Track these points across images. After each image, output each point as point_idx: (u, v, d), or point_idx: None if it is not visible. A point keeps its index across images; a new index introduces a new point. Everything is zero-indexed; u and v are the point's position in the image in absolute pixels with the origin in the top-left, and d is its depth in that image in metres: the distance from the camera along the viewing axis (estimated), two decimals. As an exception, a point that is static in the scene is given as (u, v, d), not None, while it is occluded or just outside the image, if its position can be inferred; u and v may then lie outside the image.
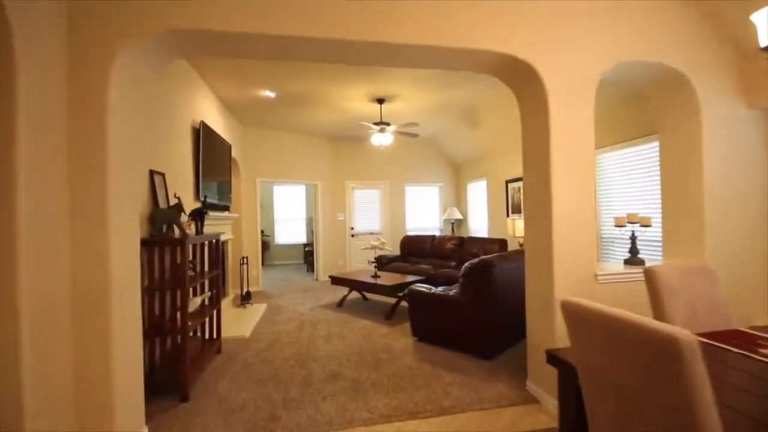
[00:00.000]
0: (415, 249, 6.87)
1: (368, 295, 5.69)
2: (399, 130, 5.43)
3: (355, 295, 5.77)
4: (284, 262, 10.30)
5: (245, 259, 5.63)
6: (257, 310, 5.05)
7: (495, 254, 3.51)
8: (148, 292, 2.62)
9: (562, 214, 2.39)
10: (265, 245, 9.77)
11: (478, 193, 7.59)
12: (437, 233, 8.34)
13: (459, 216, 7.93)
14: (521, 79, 2.57)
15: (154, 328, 2.67)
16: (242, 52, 2.30)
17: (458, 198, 8.42)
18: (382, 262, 6.66)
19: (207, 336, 3.59)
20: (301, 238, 10.37)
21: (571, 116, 2.42)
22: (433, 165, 8.34)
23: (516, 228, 4.81)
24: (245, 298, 5.34)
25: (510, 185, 6.22)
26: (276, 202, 10.27)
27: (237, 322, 4.49)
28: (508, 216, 6.30)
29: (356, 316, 4.75)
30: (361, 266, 7.81)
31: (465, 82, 4.69)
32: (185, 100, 3.81)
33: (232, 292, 5.53)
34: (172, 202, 3.06)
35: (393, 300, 5.01)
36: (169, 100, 3.41)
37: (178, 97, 3.64)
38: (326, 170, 7.66)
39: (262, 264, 8.84)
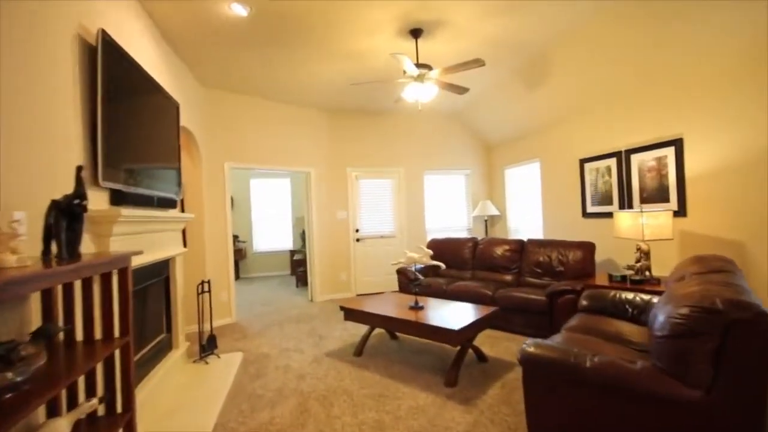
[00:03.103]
0: (449, 257, 5.01)
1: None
2: (443, 79, 3.55)
3: (376, 329, 3.87)
4: (265, 274, 8.25)
5: (206, 285, 3.63)
6: (226, 369, 3.09)
7: (725, 283, 1.68)
8: None
9: None
10: (240, 254, 7.71)
11: (524, 181, 5.80)
12: (465, 234, 6.52)
13: (495, 211, 6.12)
14: None
15: None
16: None
17: (491, 188, 6.62)
18: (407, 277, 4.78)
19: (104, 482, 1.63)
20: (287, 243, 8.36)
21: None
22: (457, 146, 6.49)
23: (645, 228, 2.99)
24: (207, 348, 3.36)
25: (587, 166, 4.44)
26: (254, 197, 8.21)
27: (188, 403, 2.51)
28: (584, 210, 4.52)
29: (392, 378, 2.85)
30: (371, 279, 5.90)
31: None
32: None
33: (186, 335, 3.53)
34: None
35: (448, 343, 3.15)
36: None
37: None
38: (322, 154, 5.70)
39: (237, 277, 6.83)
